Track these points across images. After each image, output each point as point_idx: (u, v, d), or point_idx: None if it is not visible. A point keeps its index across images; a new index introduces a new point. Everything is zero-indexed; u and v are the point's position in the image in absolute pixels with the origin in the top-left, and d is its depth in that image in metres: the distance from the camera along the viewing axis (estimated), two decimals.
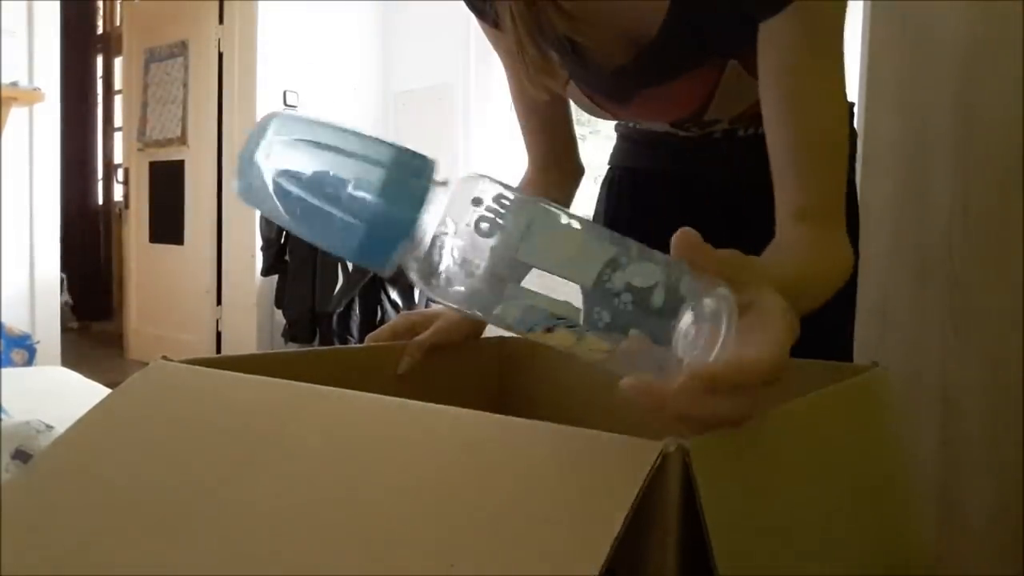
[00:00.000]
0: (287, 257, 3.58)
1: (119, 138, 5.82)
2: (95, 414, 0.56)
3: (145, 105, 4.88)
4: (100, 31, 6.64)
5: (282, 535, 0.40)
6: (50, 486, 0.51)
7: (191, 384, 0.56)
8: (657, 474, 0.35)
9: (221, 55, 4.28)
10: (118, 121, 5.97)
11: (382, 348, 0.81)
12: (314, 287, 3.45)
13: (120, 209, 5.63)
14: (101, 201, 6.65)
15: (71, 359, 3.86)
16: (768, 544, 0.41)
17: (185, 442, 0.50)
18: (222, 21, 4.27)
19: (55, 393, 1.74)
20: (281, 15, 4.04)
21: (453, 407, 0.44)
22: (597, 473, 0.36)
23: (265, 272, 3.68)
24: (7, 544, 0.46)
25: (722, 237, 1.01)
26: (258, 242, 3.69)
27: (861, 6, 1.48)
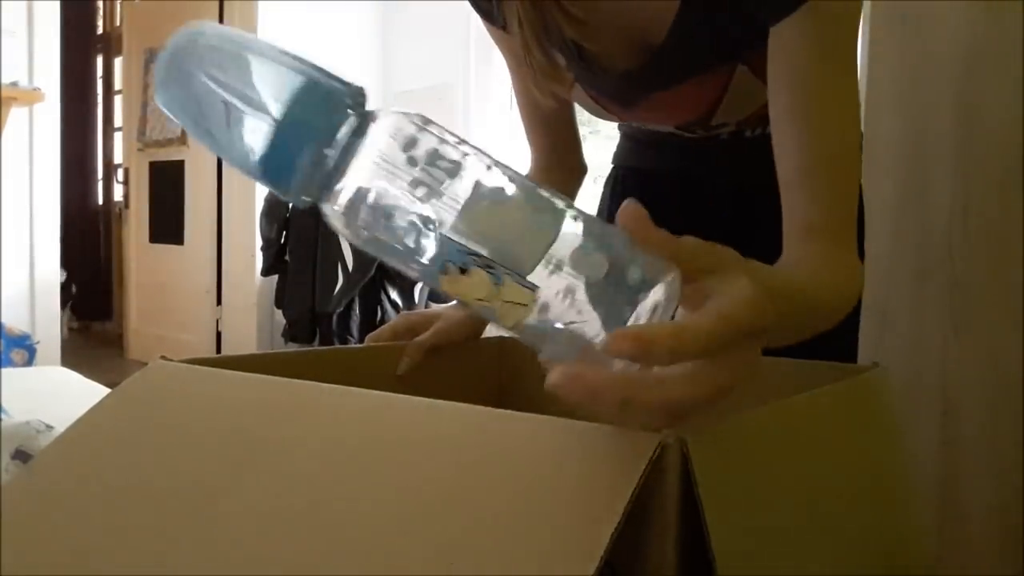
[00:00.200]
0: (287, 257, 3.58)
1: (119, 138, 5.82)
2: (94, 414, 0.56)
3: (145, 105, 4.88)
4: (100, 31, 6.64)
5: (282, 534, 0.40)
6: (49, 486, 0.51)
7: (191, 384, 0.56)
8: (655, 467, 0.35)
9: None
10: (118, 121, 5.97)
11: (382, 348, 0.81)
12: (314, 287, 3.45)
13: (120, 209, 5.63)
14: (101, 201, 6.65)
15: (71, 359, 3.86)
16: (767, 539, 0.41)
17: (185, 442, 0.50)
18: (222, 21, 4.28)
19: (55, 393, 1.74)
20: (281, 15, 4.03)
21: (451, 402, 0.44)
22: (595, 466, 0.36)
23: (265, 272, 3.68)
24: (7, 544, 0.46)
25: (728, 238, 1.01)
26: (258, 242, 3.69)
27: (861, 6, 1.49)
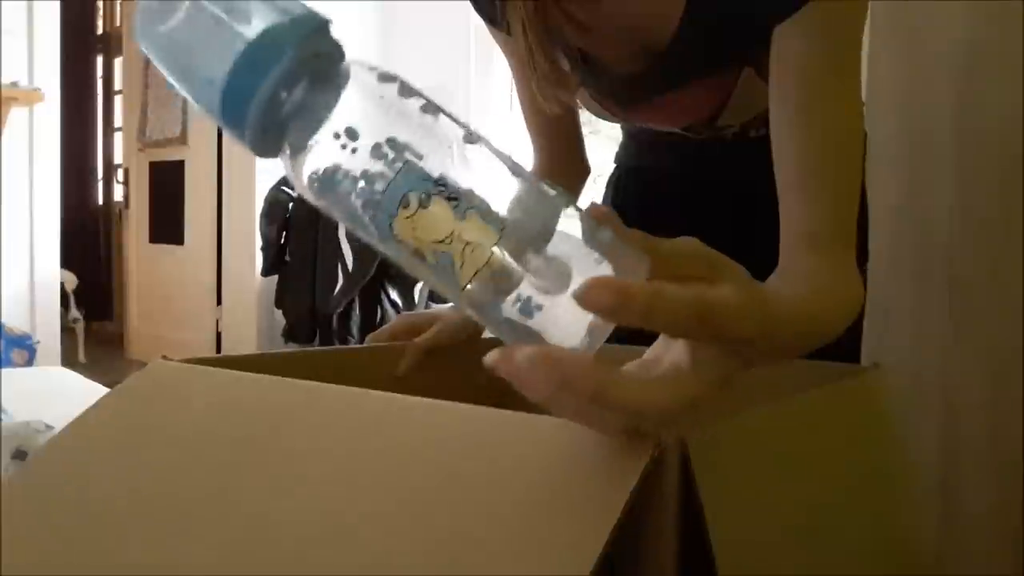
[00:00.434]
0: (287, 257, 3.58)
1: (119, 138, 5.82)
2: (93, 413, 0.56)
3: (145, 105, 4.88)
4: (100, 31, 6.63)
5: (281, 534, 0.40)
6: (48, 486, 0.51)
7: (190, 383, 0.56)
8: (655, 468, 0.35)
9: None
10: (118, 121, 5.97)
11: (382, 348, 0.81)
12: (314, 287, 3.45)
13: (120, 209, 5.63)
14: (101, 201, 6.65)
15: (71, 359, 3.86)
16: (767, 541, 0.41)
17: (184, 441, 0.50)
18: None
19: (55, 393, 1.73)
20: None
21: (451, 402, 0.44)
22: (595, 466, 0.36)
23: (265, 272, 3.68)
24: (6, 543, 0.46)
25: (731, 238, 1.01)
26: (258, 242, 3.69)
27: None
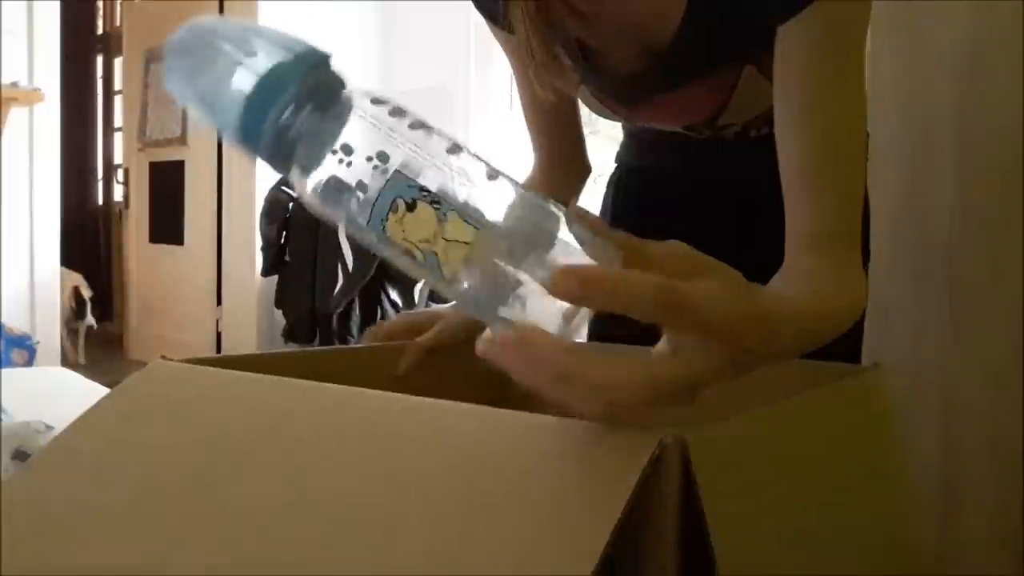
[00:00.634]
0: (287, 257, 3.58)
1: (119, 138, 5.82)
2: (93, 413, 0.56)
3: (145, 105, 4.88)
4: (100, 31, 6.63)
5: (281, 533, 0.40)
6: (48, 486, 0.51)
7: (190, 383, 0.56)
8: (655, 466, 0.35)
9: None
10: (118, 121, 5.97)
11: (382, 348, 0.81)
12: (314, 287, 3.45)
13: (120, 209, 5.63)
14: (101, 201, 6.65)
15: (71, 359, 3.86)
16: (767, 540, 0.41)
17: (184, 441, 0.50)
18: None
19: (55, 393, 1.73)
20: (281, 15, 4.03)
21: (451, 402, 0.44)
22: (595, 466, 0.36)
23: (265, 272, 3.68)
24: (6, 543, 0.46)
25: (733, 238, 1.01)
26: (258, 242, 3.69)
27: None
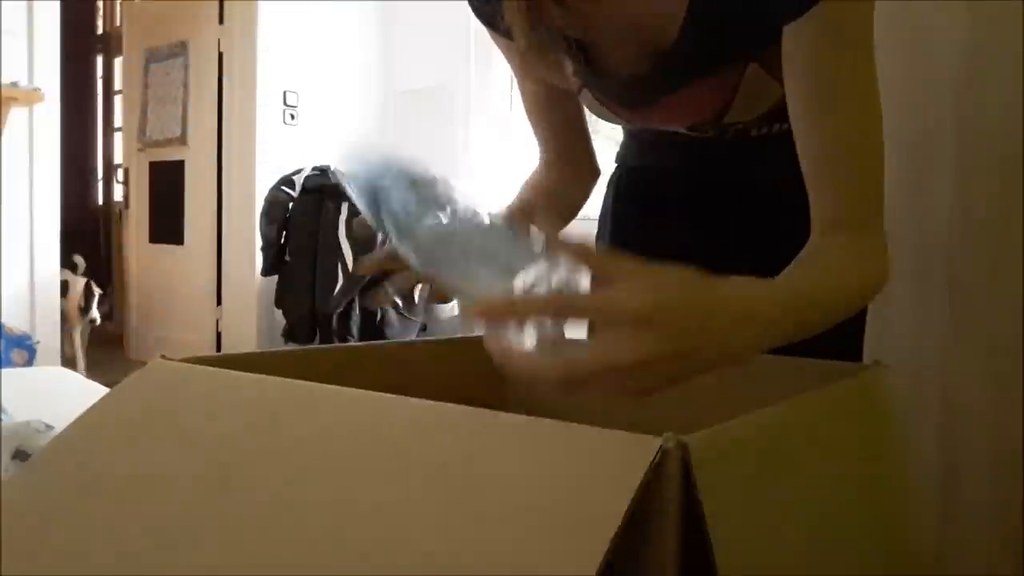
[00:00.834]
0: (287, 257, 3.58)
1: (119, 138, 5.81)
2: (93, 413, 0.56)
3: (145, 105, 4.87)
4: (100, 31, 6.63)
5: (281, 533, 0.40)
6: (48, 485, 0.51)
7: (189, 382, 0.56)
8: (656, 470, 0.35)
9: (221, 55, 4.28)
10: (118, 121, 5.96)
11: (382, 348, 0.81)
12: (314, 287, 3.45)
13: (120, 209, 5.62)
14: (101, 201, 6.64)
15: (71, 359, 3.85)
16: (768, 541, 0.41)
17: (184, 440, 0.50)
18: (222, 21, 4.27)
19: (55, 393, 1.73)
20: (281, 15, 4.03)
21: (453, 404, 0.44)
22: (596, 469, 0.36)
23: (265, 272, 3.67)
24: (7, 542, 0.46)
25: (733, 236, 1.01)
26: (258, 242, 3.68)
27: None
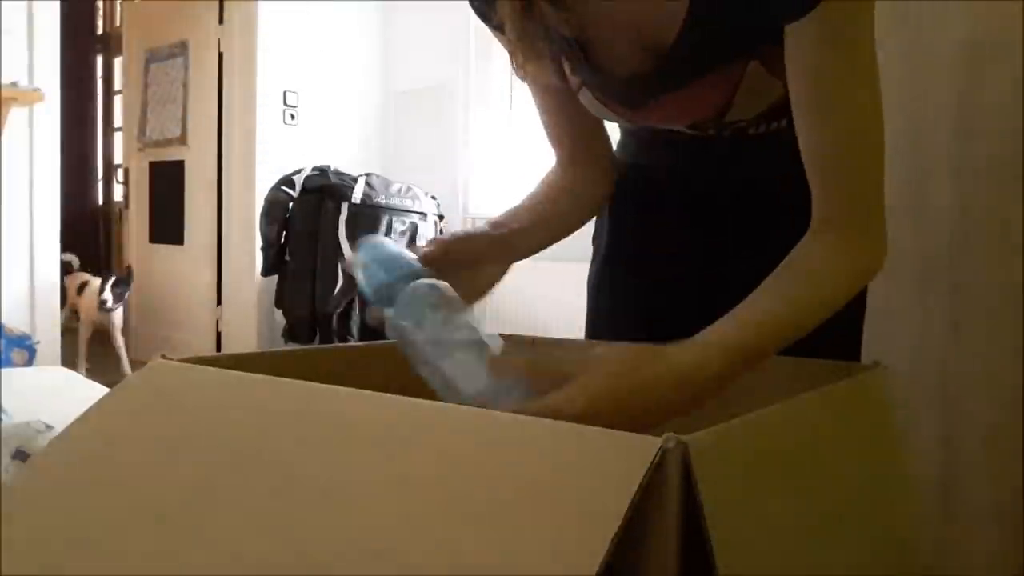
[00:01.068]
0: (287, 257, 3.57)
1: (119, 138, 5.81)
2: (93, 413, 0.56)
3: (145, 105, 4.87)
4: (100, 31, 6.64)
5: (281, 532, 0.40)
6: (48, 486, 0.51)
7: (189, 382, 0.56)
8: (657, 470, 0.35)
9: (221, 55, 4.28)
10: (118, 121, 5.97)
11: (382, 348, 0.81)
12: (314, 287, 3.45)
13: (120, 209, 5.62)
14: (101, 201, 6.65)
15: (71, 359, 3.85)
16: (768, 540, 0.41)
17: (184, 440, 0.50)
18: (222, 21, 4.27)
19: (55, 393, 1.73)
20: (281, 15, 4.03)
21: (453, 404, 0.44)
22: (597, 470, 0.36)
23: (265, 272, 3.67)
24: (7, 541, 0.46)
25: (730, 234, 1.00)
26: (258, 242, 3.68)
27: None
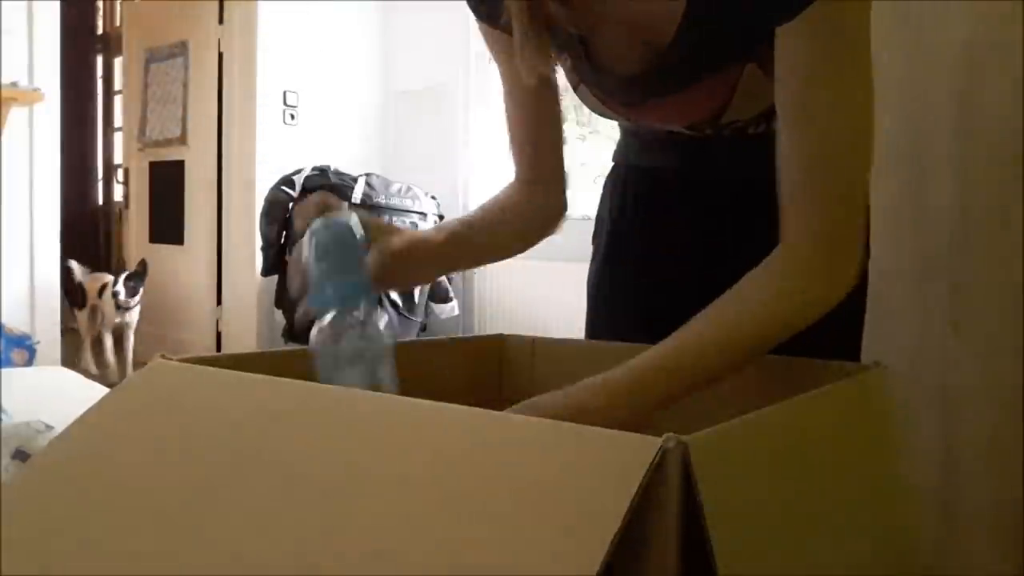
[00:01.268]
0: (287, 257, 3.58)
1: (119, 138, 5.81)
2: (93, 413, 0.56)
3: (145, 105, 4.87)
4: (100, 31, 6.64)
5: (281, 533, 0.40)
6: (48, 486, 0.51)
7: (189, 382, 0.56)
8: (657, 470, 0.35)
9: (221, 55, 4.28)
10: (118, 121, 5.97)
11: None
12: None
13: (120, 209, 5.62)
14: (101, 201, 6.65)
15: (71, 359, 3.85)
16: (768, 541, 0.41)
17: (184, 440, 0.50)
18: (222, 21, 4.27)
19: (55, 393, 1.73)
20: (281, 15, 4.03)
21: (453, 404, 0.43)
22: (597, 470, 0.36)
23: (265, 272, 3.67)
24: (7, 541, 0.46)
25: (732, 235, 1.01)
26: (258, 242, 3.69)
27: None
